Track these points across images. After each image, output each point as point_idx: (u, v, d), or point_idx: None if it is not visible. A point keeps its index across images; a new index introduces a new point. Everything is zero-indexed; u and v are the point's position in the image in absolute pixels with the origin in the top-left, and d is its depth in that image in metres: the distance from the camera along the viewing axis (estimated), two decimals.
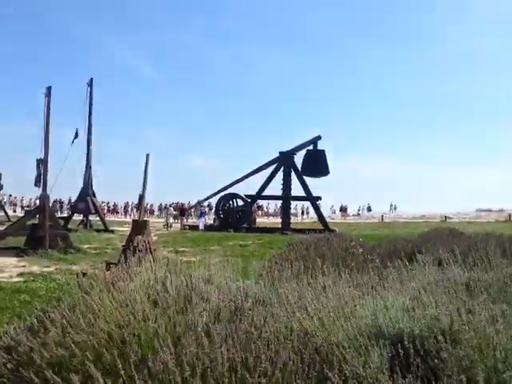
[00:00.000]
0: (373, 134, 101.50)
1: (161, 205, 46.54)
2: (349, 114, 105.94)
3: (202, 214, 31.48)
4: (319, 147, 29.32)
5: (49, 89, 16.05)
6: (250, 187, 31.16)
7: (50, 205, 18.13)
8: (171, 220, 32.23)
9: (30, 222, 15.92)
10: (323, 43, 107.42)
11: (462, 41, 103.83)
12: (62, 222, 19.86)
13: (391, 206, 54.36)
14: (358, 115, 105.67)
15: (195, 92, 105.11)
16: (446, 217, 42.34)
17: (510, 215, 40.09)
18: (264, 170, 29.85)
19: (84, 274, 9.30)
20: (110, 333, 3.22)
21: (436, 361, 2.90)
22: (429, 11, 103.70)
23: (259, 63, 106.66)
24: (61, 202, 43.51)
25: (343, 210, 50.42)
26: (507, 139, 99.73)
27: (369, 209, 53.01)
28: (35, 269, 11.26)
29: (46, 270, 11.14)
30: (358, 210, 53.60)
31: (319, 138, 29.36)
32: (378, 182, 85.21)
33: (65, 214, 33.70)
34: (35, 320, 3.55)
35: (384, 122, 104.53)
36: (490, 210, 50.32)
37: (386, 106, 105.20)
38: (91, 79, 26.22)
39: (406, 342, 2.90)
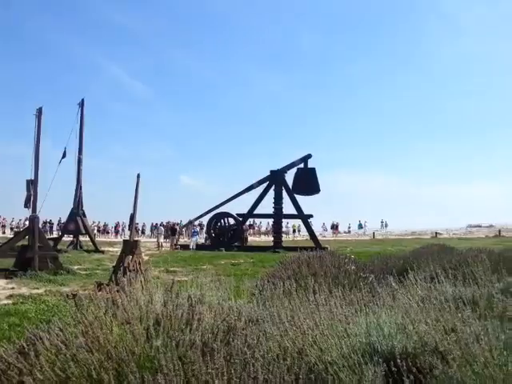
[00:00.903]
0: (363, 152, 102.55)
1: (152, 224, 46.29)
2: (339, 132, 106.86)
3: (193, 234, 31.36)
4: (310, 165, 29.51)
5: (40, 109, 16.07)
6: (241, 206, 31.26)
7: (40, 226, 17.98)
8: (161, 239, 32.02)
9: (19, 244, 15.76)
10: (312, 62, 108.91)
11: (453, 56, 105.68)
12: (51, 243, 19.65)
13: (382, 222, 54.56)
14: (347, 133, 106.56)
15: (188, 112, 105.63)
16: (436, 233, 42.59)
17: (499, 231, 40.41)
18: (255, 189, 29.95)
19: (74, 296, 9.24)
20: (109, 352, 3.19)
21: (429, 378, 2.91)
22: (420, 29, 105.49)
23: (252, 82, 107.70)
24: (50, 223, 43.10)
25: (334, 227, 50.45)
26: (496, 155, 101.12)
27: (360, 226, 53.11)
28: (24, 291, 11.12)
29: (35, 291, 11.00)
30: (349, 228, 53.68)
31: (309, 156, 29.58)
32: (368, 199, 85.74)
33: (55, 235, 33.40)
34: (25, 343, 3.50)
35: (374, 140, 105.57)
36: (480, 226, 50.71)
37: (376, 123, 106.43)
38: (82, 99, 26.35)
39: (398, 360, 2.90)
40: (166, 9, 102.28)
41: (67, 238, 27.48)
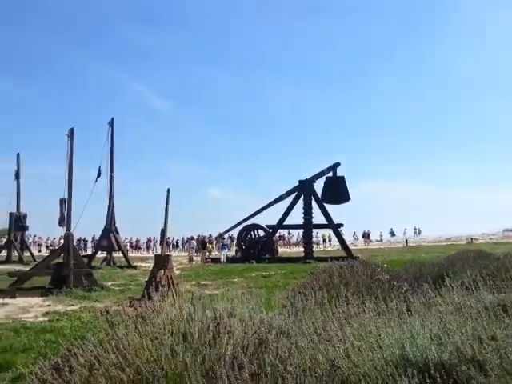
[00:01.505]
0: (390, 159, 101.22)
1: (182, 239, 46.71)
2: (370, 139, 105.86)
3: (223, 247, 31.44)
4: (338, 174, 29.28)
5: (72, 130, 16.50)
6: (270, 217, 31.20)
7: (74, 243, 18.37)
8: (193, 253, 32.24)
9: (54, 262, 16.12)
10: (336, 72, 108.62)
11: (470, 59, 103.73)
12: (85, 260, 20.04)
13: (415, 229, 53.54)
14: (378, 139, 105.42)
15: (212, 125, 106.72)
16: (472, 238, 41.47)
17: None
18: (284, 200, 29.86)
19: (107, 312, 9.37)
20: (139, 367, 3.21)
21: None
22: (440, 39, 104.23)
23: (274, 93, 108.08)
24: (85, 241, 44.00)
25: (366, 236, 49.79)
26: None
27: (392, 233, 52.27)
28: (60, 308, 11.35)
29: (70, 308, 11.21)
30: (380, 236, 52.88)
31: (338, 164, 29.37)
32: (401, 206, 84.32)
33: (89, 252, 34.08)
34: (60, 359, 3.56)
35: (405, 146, 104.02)
36: None
37: (407, 130, 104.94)
38: (112, 119, 26.98)
39: (432, 371, 2.82)
40: (187, 23, 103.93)
41: (101, 255, 27.97)
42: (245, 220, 30.24)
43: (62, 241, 21.13)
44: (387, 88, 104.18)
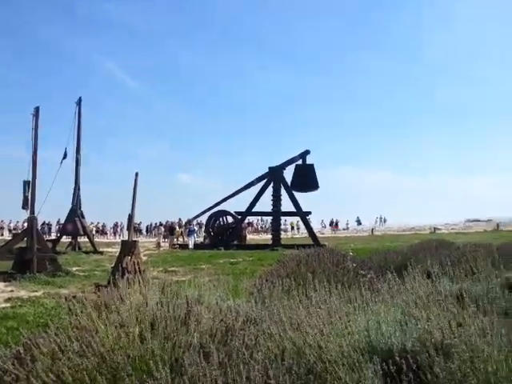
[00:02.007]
0: (358, 147, 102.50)
1: (150, 224, 46.26)
2: (337, 127, 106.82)
3: (191, 233, 31.31)
4: (308, 161, 29.44)
5: (37, 109, 15.98)
6: (239, 204, 31.19)
7: (38, 227, 17.93)
8: (161, 239, 31.99)
9: (17, 246, 15.71)
10: (314, 57, 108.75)
11: (450, 48, 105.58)
12: (50, 245, 19.60)
13: (380, 218, 54.62)
14: (346, 128, 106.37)
15: (184, 107, 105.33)
16: (435, 228, 42.62)
17: (497, 225, 40.46)
18: (253, 186, 29.86)
19: (73, 298, 9.21)
20: (104, 355, 3.16)
21: (429, 375, 2.89)
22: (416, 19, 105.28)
23: (249, 78, 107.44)
24: (49, 225, 43.00)
25: (333, 224, 50.49)
26: (495, 148, 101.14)
27: (358, 222, 53.15)
28: (23, 293, 11.07)
29: (33, 294, 10.95)
30: (347, 224, 53.67)
31: (308, 152, 29.48)
32: (364, 194, 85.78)
33: (53, 237, 33.36)
34: (21, 347, 3.47)
35: (370, 134, 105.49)
36: (478, 220, 50.75)
37: (374, 119, 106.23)
38: (80, 98, 26.17)
39: (397, 358, 2.88)
40: (162, 4, 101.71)
41: (66, 240, 27.43)
42: (214, 206, 30.11)
43: (25, 224, 20.62)
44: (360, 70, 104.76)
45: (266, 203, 29.68)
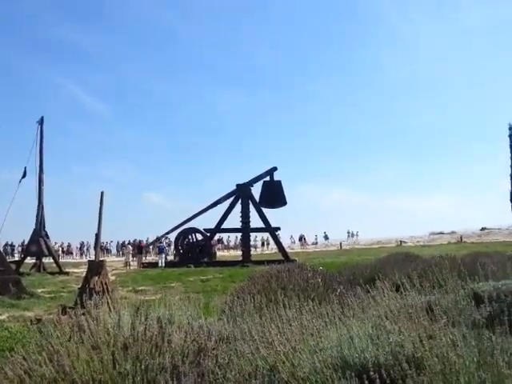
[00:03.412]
0: (331, 166, 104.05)
1: (118, 243, 45.39)
2: (301, 146, 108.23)
3: (161, 251, 30.85)
4: (275, 178, 29.62)
5: None
6: (208, 221, 31.02)
7: (1, 248, 17.33)
8: (130, 258, 31.37)
9: None
10: (272, 79, 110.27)
11: (407, 67, 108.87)
12: (13, 267, 18.94)
13: (349, 233, 55.20)
14: (310, 146, 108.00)
15: (150, 128, 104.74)
16: (401, 241, 43.38)
17: (461, 237, 41.50)
18: (222, 204, 29.79)
19: (38, 320, 8.88)
20: (75, 380, 3.04)
21: None
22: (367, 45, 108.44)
23: (211, 99, 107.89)
24: (12, 246, 41.65)
25: (303, 239, 50.73)
26: (455, 164, 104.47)
27: (326, 237, 53.56)
28: None
29: None
30: (315, 239, 54.02)
31: (275, 169, 29.69)
32: (336, 211, 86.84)
33: (16, 258, 32.24)
34: None
35: (336, 152, 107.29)
36: (442, 233, 51.94)
37: (336, 137, 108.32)
38: (42, 117, 25.67)
39: (371, 372, 2.88)
40: (122, 26, 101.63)
41: (30, 261, 26.57)
42: (182, 224, 29.82)
43: None
44: (322, 92, 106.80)
45: (234, 220, 29.67)
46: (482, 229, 51.12)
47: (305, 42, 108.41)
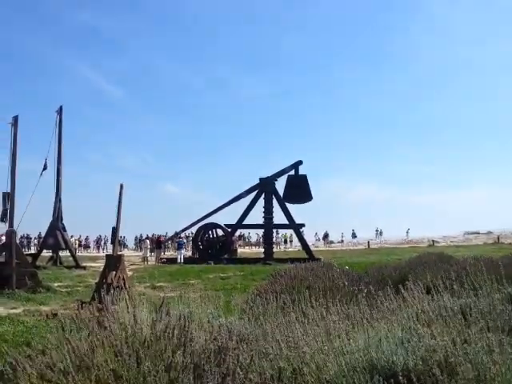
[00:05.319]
0: (358, 159, 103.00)
1: (136, 237, 45.98)
2: (330, 139, 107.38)
3: (180, 246, 31.14)
4: (301, 172, 29.50)
5: (15, 118, 15.91)
6: (230, 216, 31.13)
7: (17, 241, 17.76)
8: (148, 253, 31.75)
9: None
10: (299, 68, 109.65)
11: (438, 57, 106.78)
12: (29, 259, 19.39)
13: (377, 231, 54.70)
14: (329, 140, 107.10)
15: (171, 118, 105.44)
16: (433, 241, 42.80)
17: (498, 237, 40.74)
18: (244, 198, 29.83)
19: (54, 315, 9.10)
20: (98, 376, 3.12)
21: None
22: (403, 32, 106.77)
23: (237, 88, 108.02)
24: (28, 238, 42.59)
25: (327, 237, 50.53)
26: (494, 159, 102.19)
27: (353, 235, 53.22)
28: (1, 311, 10.93)
29: (12, 311, 10.82)
30: (342, 237, 53.70)
31: (300, 162, 29.56)
32: (363, 206, 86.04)
33: (33, 251, 32.98)
34: (4, 367, 3.42)
35: (355, 148, 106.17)
36: (477, 233, 51.08)
37: (358, 131, 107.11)
38: (60, 107, 26.01)
39: (400, 377, 2.88)
40: (135, 9, 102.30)
41: (46, 254, 27.14)
42: (203, 218, 29.99)
43: (3, 238, 20.41)
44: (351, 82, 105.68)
45: (257, 216, 29.68)
46: None
47: (335, 29, 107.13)
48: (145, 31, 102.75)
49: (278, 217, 29.24)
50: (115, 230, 13.30)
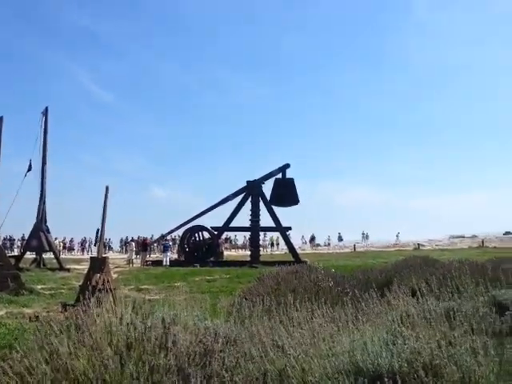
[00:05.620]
0: (357, 160, 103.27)
1: (122, 239, 45.65)
2: (319, 141, 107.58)
3: (166, 249, 30.98)
4: (288, 176, 29.53)
5: (0, 118, 15.74)
6: (216, 219, 31.04)
7: (0, 243, 17.53)
8: (133, 256, 31.54)
9: None
10: (295, 68, 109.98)
11: (438, 57, 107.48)
12: (12, 261, 19.15)
13: (363, 234, 54.90)
14: (328, 142, 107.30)
15: (159, 119, 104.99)
16: (418, 244, 43.12)
17: (482, 241, 41.18)
18: (231, 201, 29.79)
19: (37, 318, 9.00)
20: (77, 379, 3.08)
21: None
22: (403, 32, 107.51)
23: (227, 89, 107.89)
24: (11, 240, 42.04)
25: (313, 240, 50.65)
26: (478, 165, 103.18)
27: (340, 238, 53.39)
28: None
29: None
30: (328, 240, 53.82)
31: (288, 166, 29.60)
32: (354, 210, 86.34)
33: (16, 253, 32.56)
34: None
35: (354, 149, 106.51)
36: (463, 237, 51.54)
37: (357, 132, 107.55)
38: (46, 108, 25.77)
39: (385, 379, 2.89)
40: (133, 11, 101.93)
41: (30, 256, 26.83)
42: (189, 221, 29.88)
43: None
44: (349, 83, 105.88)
45: (244, 219, 29.64)
46: (506, 233, 50.64)
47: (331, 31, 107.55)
48: (143, 33, 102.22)
49: (265, 220, 29.28)
50: (100, 232, 13.20)
